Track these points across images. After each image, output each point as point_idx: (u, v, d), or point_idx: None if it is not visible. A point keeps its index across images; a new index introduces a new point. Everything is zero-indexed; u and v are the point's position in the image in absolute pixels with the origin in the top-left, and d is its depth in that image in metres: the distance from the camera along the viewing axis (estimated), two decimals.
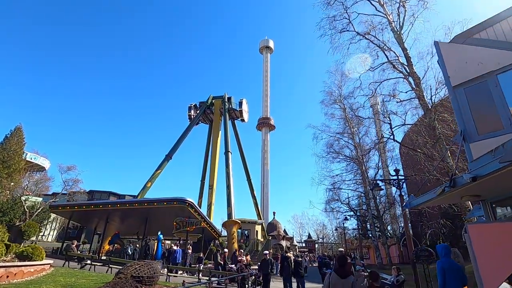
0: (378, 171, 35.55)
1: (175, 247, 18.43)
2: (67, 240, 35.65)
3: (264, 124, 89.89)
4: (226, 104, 48.34)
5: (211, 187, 45.68)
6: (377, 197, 33.58)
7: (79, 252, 17.20)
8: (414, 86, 14.54)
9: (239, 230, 32.97)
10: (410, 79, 15.01)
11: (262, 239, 37.92)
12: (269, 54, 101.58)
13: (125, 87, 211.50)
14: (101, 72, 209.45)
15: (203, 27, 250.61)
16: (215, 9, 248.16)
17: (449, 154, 13.25)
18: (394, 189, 41.68)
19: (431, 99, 14.25)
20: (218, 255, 16.57)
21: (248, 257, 16.53)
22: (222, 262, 16.11)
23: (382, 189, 13.66)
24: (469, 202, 12.41)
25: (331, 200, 34.33)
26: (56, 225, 37.00)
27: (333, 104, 34.97)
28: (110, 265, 14.33)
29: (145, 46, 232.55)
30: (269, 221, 54.10)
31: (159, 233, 16.27)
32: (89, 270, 14.51)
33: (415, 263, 12.20)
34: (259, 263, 14.34)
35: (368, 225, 37.04)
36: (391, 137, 14.33)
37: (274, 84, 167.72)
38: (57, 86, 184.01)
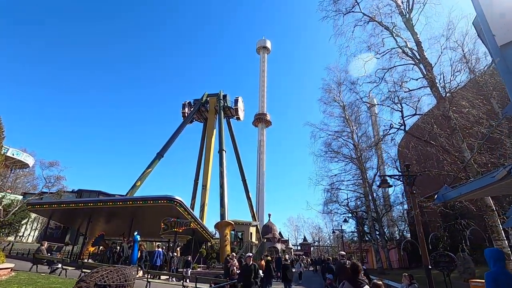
0: (378, 172, 34.39)
1: (159, 249, 16.79)
2: (48, 241, 33.76)
3: (260, 120, 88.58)
4: (221, 101, 46.88)
5: (204, 187, 44.07)
6: (376, 199, 32.43)
7: (49, 254, 15.44)
8: (425, 73, 13.17)
9: (232, 232, 31.32)
10: (421, 65, 13.65)
11: (256, 242, 36.27)
12: (266, 54, 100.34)
13: (118, 87, 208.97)
14: (93, 69, 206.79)
15: (200, 26, 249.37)
16: (214, 9, 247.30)
17: (466, 147, 11.86)
18: (391, 190, 40.81)
19: (444, 87, 12.88)
20: (229, 259, 13.72)
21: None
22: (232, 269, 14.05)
23: (391, 186, 12.18)
24: (490, 199, 11.00)
25: (329, 201, 33.06)
26: (37, 225, 34.91)
27: (332, 102, 33.99)
28: (83, 269, 12.66)
29: (141, 43, 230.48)
30: (264, 223, 52.49)
31: (135, 233, 14.54)
32: (59, 275, 12.81)
33: (429, 269, 10.71)
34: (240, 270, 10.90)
35: (366, 228, 35.65)
36: (402, 127, 12.89)
37: (271, 84, 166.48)
38: (49, 87, 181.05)
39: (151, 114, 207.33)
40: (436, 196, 5.53)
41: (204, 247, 24.92)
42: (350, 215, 33.47)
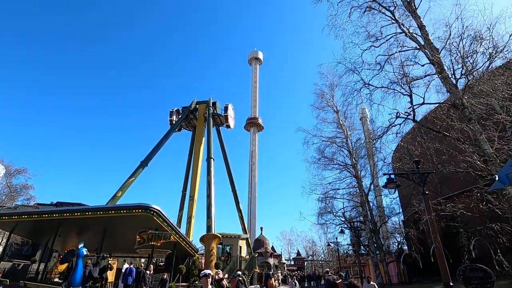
0: (373, 179, 32.87)
1: (126, 265, 14.39)
2: (14, 259, 30.58)
3: (252, 124, 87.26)
4: (211, 108, 45.19)
5: (192, 198, 41.62)
6: (372, 209, 30.61)
7: None
8: (431, 58, 11.61)
9: (220, 246, 28.78)
10: (427, 50, 12.14)
11: (247, 256, 33.60)
12: (258, 65, 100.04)
13: (105, 92, 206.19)
14: (81, 71, 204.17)
15: (196, 31, 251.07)
16: (205, 15, 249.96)
17: (485, 139, 10.15)
18: (385, 201, 39.12)
19: (453, 73, 11.30)
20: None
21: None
22: None
23: (399, 186, 10.29)
24: None
25: (323, 212, 31.01)
26: (1, 240, 31.66)
27: (325, 107, 32.75)
28: None
29: (132, 49, 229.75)
30: (256, 237, 49.85)
31: (80, 246, 11.88)
32: None
33: (451, 287, 8.68)
34: None
35: (362, 239, 33.55)
36: (410, 117, 11.16)
37: (263, 90, 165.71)
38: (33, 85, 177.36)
39: (137, 121, 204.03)
40: (498, 178, 3.61)
41: (184, 263, 22.35)
42: (345, 225, 31.44)
